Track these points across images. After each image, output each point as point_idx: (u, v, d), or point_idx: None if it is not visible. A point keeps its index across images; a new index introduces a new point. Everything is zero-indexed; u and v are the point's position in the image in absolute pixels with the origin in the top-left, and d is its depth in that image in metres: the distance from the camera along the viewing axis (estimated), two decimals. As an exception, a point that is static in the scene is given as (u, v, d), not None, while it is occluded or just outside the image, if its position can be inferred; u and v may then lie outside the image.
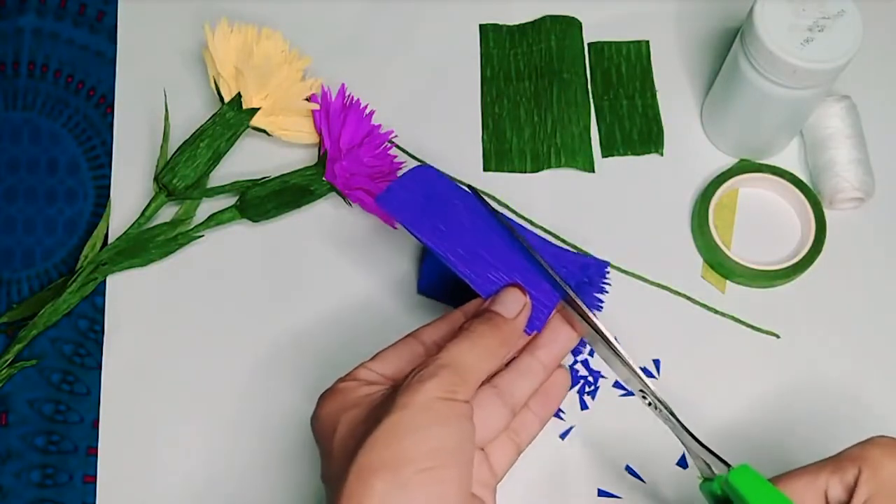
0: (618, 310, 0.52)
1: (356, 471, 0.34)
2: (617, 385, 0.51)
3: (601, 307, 0.46)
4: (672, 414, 0.40)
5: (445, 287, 0.50)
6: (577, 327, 0.42)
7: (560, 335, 0.42)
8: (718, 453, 0.39)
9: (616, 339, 0.41)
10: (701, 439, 0.39)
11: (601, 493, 0.49)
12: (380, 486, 0.33)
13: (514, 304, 0.40)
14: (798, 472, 0.37)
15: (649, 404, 0.41)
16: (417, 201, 0.44)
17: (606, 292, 0.47)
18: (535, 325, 0.41)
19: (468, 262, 0.42)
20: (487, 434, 0.39)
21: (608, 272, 0.48)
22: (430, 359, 0.37)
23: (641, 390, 0.41)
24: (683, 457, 0.49)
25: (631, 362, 0.41)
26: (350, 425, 0.37)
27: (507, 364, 0.40)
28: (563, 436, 0.50)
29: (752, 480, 0.36)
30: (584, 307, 0.41)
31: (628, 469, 0.49)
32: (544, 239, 0.48)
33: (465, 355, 0.37)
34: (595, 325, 0.41)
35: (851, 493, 0.36)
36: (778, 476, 0.38)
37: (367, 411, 0.37)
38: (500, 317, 0.40)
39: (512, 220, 0.50)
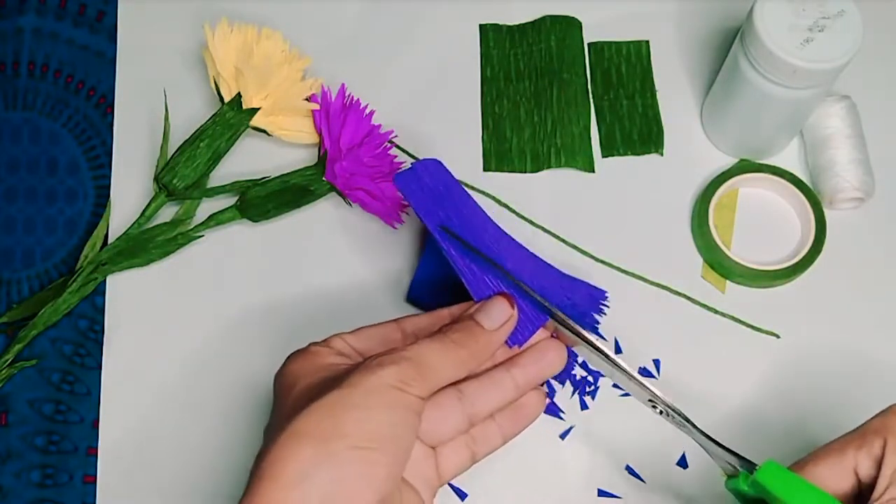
0: (618, 310, 0.52)
1: (290, 431, 0.34)
2: (617, 385, 0.51)
3: (596, 328, 0.47)
4: (687, 419, 0.40)
5: (436, 295, 0.50)
6: (576, 348, 0.42)
7: (544, 359, 0.41)
8: (708, 465, 0.39)
9: (615, 352, 0.40)
10: (720, 440, 0.39)
11: (601, 493, 0.49)
12: (308, 451, 0.33)
13: (498, 315, 0.40)
14: (823, 453, 0.37)
15: (660, 412, 0.41)
16: (433, 190, 0.44)
17: (604, 314, 0.47)
18: (518, 339, 0.41)
19: (468, 262, 0.42)
20: (439, 435, 0.39)
21: (606, 301, 0.48)
22: (397, 348, 0.37)
23: (650, 399, 0.41)
24: (683, 457, 0.49)
25: (636, 375, 0.40)
26: (305, 388, 0.37)
27: (481, 373, 0.40)
28: (563, 436, 0.50)
29: (781, 476, 0.35)
30: (581, 330, 0.41)
31: (628, 469, 0.49)
32: (544, 261, 0.48)
33: (431, 355, 0.37)
34: (594, 344, 0.41)
35: (880, 464, 0.36)
36: (803, 460, 0.37)
37: (326, 378, 0.37)
38: (480, 327, 0.39)
39: (512, 238, 0.50)
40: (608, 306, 0.47)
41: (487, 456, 0.41)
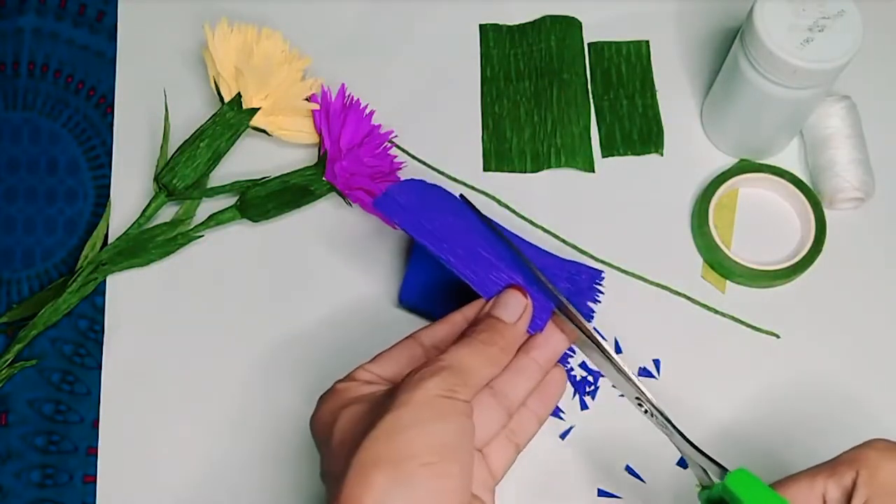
0: (618, 310, 0.52)
1: (357, 466, 0.34)
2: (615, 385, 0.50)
3: (592, 316, 0.47)
4: (668, 420, 0.40)
5: (429, 298, 0.50)
6: (570, 335, 0.42)
7: (555, 334, 0.42)
8: (716, 457, 0.39)
9: (609, 347, 0.41)
10: (698, 445, 0.39)
11: (601, 493, 0.49)
12: (381, 480, 0.33)
13: (515, 307, 0.40)
14: (796, 477, 0.37)
15: (645, 412, 0.41)
16: (414, 206, 0.44)
17: (599, 301, 0.47)
18: (537, 324, 0.41)
19: (468, 263, 0.42)
20: (484, 435, 0.39)
21: (602, 281, 0.48)
22: (431, 360, 0.37)
23: (637, 397, 0.41)
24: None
25: (626, 369, 0.40)
26: (350, 421, 0.36)
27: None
28: (563, 436, 0.50)
29: (750, 484, 0.36)
30: (577, 314, 0.41)
31: (628, 469, 0.49)
32: (536, 246, 0.49)
33: (466, 359, 0.38)
34: (589, 332, 0.41)
35: (850, 496, 0.36)
36: (776, 482, 0.38)
37: (368, 407, 0.37)
38: (502, 322, 0.40)
39: (502, 226, 0.51)
40: (602, 291, 0.48)
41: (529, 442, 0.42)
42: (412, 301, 0.51)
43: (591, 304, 0.48)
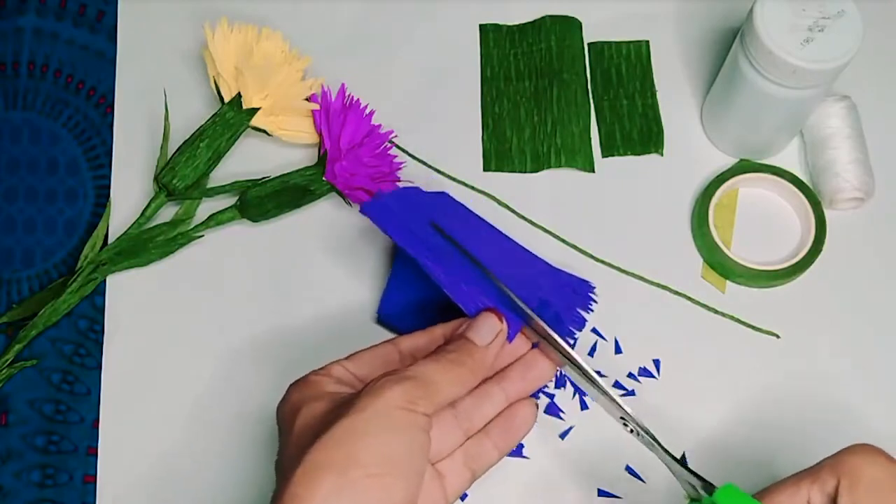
0: (618, 310, 0.52)
1: (306, 465, 0.34)
2: (617, 385, 0.51)
3: (583, 325, 0.48)
4: (655, 439, 0.40)
5: (408, 316, 0.50)
6: (552, 357, 0.42)
7: (532, 370, 0.42)
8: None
9: (591, 370, 0.41)
10: (686, 462, 0.40)
11: (601, 493, 0.49)
12: (326, 484, 0.34)
13: (488, 331, 0.41)
14: (779, 486, 0.38)
15: (631, 431, 0.41)
16: (403, 215, 0.45)
17: (591, 311, 0.49)
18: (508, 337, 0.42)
19: (455, 279, 0.42)
20: (438, 451, 0.40)
21: (593, 291, 0.50)
22: (398, 369, 0.38)
23: (622, 417, 0.41)
24: (684, 457, 0.49)
25: (609, 390, 0.41)
26: (310, 417, 0.37)
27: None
28: (562, 436, 0.50)
29: (738, 499, 0.36)
30: (557, 339, 0.42)
31: (628, 469, 0.49)
32: (531, 252, 0.50)
33: (432, 374, 0.38)
34: (570, 355, 0.41)
35: (834, 502, 0.36)
36: (760, 491, 0.38)
37: (330, 407, 0.37)
38: (473, 344, 0.40)
39: (498, 230, 0.52)
40: (596, 301, 0.49)
41: (486, 472, 0.42)
42: (390, 317, 0.51)
43: (582, 314, 0.49)
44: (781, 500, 0.37)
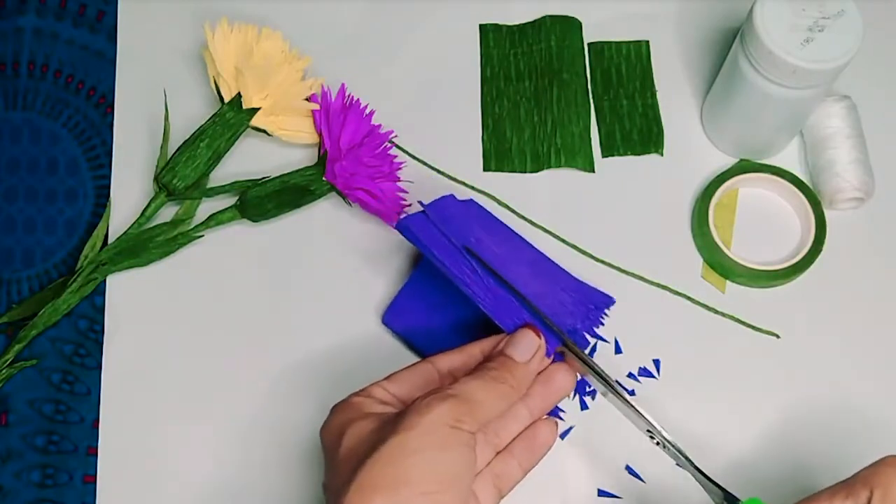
0: (618, 310, 0.52)
1: (357, 486, 0.34)
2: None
3: (585, 346, 0.49)
4: (682, 453, 0.41)
5: (416, 324, 0.50)
6: (577, 368, 0.43)
7: (553, 383, 0.43)
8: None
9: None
10: (714, 479, 0.40)
11: (601, 493, 0.49)
12: (379, 503, 0.34)
13: (527, 347, 0.41)
14: (810, 500, 0.37)
15: (657, 444, 0.42)
16: (437, 230, 0.45)
17: (602, 324, 0.50)
18: (547, 352, 0.42)
19: (491, 296, 0.43)
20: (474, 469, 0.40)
21: (611, 307, 0.51)
22: (442, 387, 0.38)
23: (648, 430, 0.42)
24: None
25: (638, 408, 0.41)
26: (356, 438, 0.37)
27: None
28: (563, 436, 0.50)
29: None
30: (587, 358, 0.42)
31: (628, 469, 0.49)
32: (556, 264, 0.51)
33: (476, 392, 0.38)
34: (602, 374, 0.42)
35: None
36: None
37: (377, 426, 0.37)
38: (513, 361, 0.41)
39: (514, 234, 0.52)
40: (607, 314, 0.51)
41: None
42: (395, 323, 0.51)
43: (593, 328, 0.50)
44: None
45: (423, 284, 0.50)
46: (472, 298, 0.43)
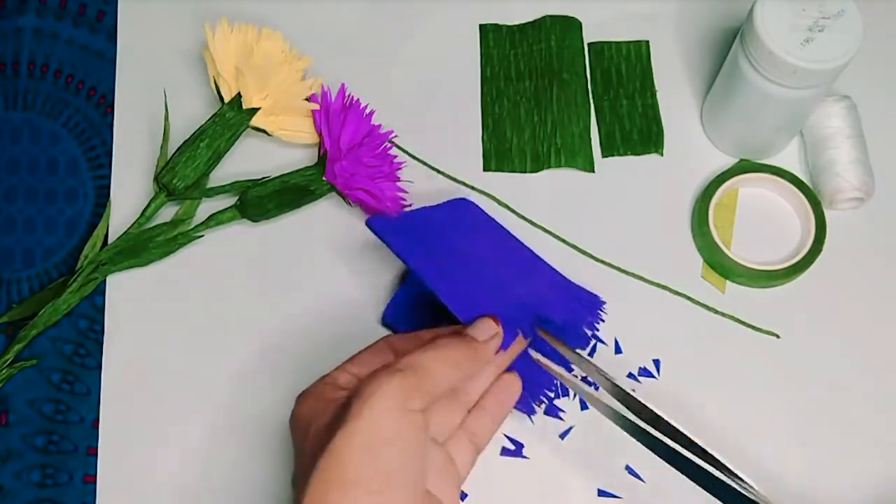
0: (618, 310, 0.52)
1: (314, 483, 0.34)
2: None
3: (588, 342, 0.50)
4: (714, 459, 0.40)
5: (412, 325, 0.50)
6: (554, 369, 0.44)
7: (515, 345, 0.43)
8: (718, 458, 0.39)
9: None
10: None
11: (601, 493, 0.49)
12: (333, 502, 0.34)
13: (485, 329, 0.41)
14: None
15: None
16: (409, 229, 0.45)
17: (597, 329, 0.50)
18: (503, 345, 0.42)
19: (450, 284, 0.43)
20: (445, 430, 0.40)
21: (602, 308, 0.51)
22: (387, 365, 0.37)
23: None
24: (683, 457, 0.49)
25: (638, 396, 0.42)
26: (319, 431, 0.37)
27: None
28: (562, 436, 0.50)
29: None
30: (607, 374, 0.43)
31: (628, 469, 0.49)
32: (544, 261, 0.50)
33: (428, 361, 0.38)
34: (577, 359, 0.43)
35: None
36: None
37: (334, 415, 0.37)
38: (469, 335, 0.41)
39: (512, 235, 0.52)
40: (603, 319, 0.50)
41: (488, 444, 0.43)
42: (397, 322, 0.51)
43: (588, 332, 0.50)
44: None
45: (418, 286, 0.50)
46: (435, 293, 0.43)
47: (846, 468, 0.49)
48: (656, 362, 0.51)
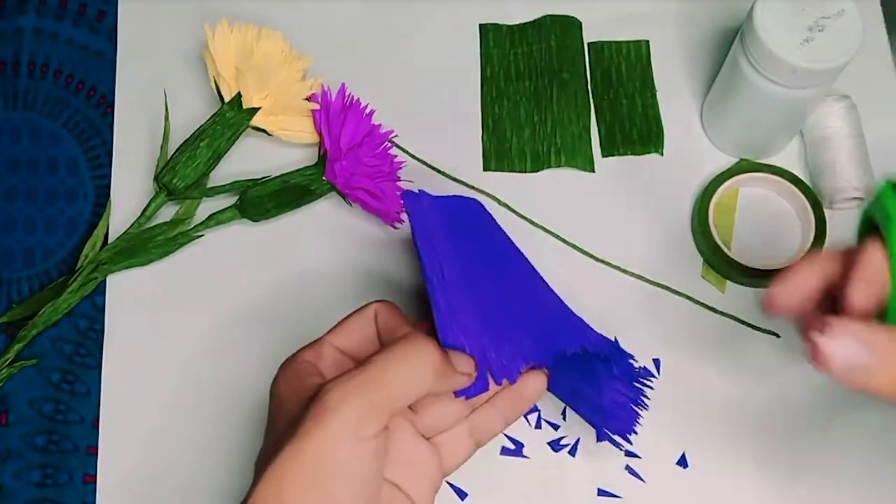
0: (618, 310, 0.52)
1: (253, 500, 0.33)
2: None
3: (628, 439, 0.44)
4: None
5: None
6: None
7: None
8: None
9: None
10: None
11: (601, 493, 0.49)
12: None
13: (464, 365, 0.37)
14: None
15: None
16: (436, 220, 0.43)
17: (635, 433, 0.43)
18: (490, 382, 0.39)
19: (449, 296, 0.40)
20: (438, 426, 0.38)
21: (633, 360, 0.43)
22: (350, 371, 0.35)
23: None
24: (683, 457, 0.49)
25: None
26: (287, 418, 0.35)
27: None
28: (563, 436, 0.50)
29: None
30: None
31: (628, 469, 0.49)
32: (563, 303, 0.46)
33: (392, 373, 0.35)
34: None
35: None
36: None
37: (298, 410, 0.35)
38: (447, 356, 0.37)
39: (515, 251, 0.48)
40: (647, 397, 0.44)
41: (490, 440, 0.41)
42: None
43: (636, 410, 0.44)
44: None
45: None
46: (431, 299, 0.39)
47: (847, 468, 0.49)
48: (656, 362, 0.51)
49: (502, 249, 0.47)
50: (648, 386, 0.43)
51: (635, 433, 0.44)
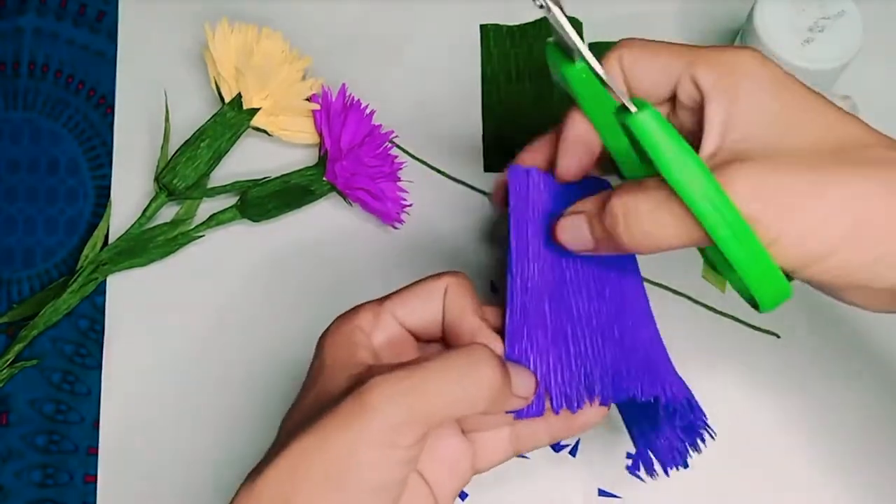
0: (618, 310, 0.52)
1: (252, 491, 0.32)
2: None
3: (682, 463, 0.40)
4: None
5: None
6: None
7: None
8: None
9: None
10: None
11: (601, 493, 0.49)
12: None
13: (524, 386, 0.35)
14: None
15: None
16: (546, 206, 0.39)
17: (699, 450, 0.40)
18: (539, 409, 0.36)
19: (526, 295, 0.37)
20: (483, 428, 0.36)
21: (694, 407, 0.39)
22: (400, 370, 0.31)
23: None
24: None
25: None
26: (324, 392, 0.33)
27: None
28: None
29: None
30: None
31: (628, 469, 0.49)
32: (656, 340, 0.42)
33: (442, 386, 0.31)
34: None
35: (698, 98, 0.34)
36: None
37: (339, 391, 0.32)
38: (507, 373, 0.34)
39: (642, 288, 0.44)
40: (710, 438, 0.40)
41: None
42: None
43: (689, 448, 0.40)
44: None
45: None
46: (508, 289, 0.36)
47: (847, 468, 0.49)
48: (656, 362, 0.51)
49: (609, 261, 0.42)
50: (710, 435, 0.40)
51: (676, 469, 0.40)
